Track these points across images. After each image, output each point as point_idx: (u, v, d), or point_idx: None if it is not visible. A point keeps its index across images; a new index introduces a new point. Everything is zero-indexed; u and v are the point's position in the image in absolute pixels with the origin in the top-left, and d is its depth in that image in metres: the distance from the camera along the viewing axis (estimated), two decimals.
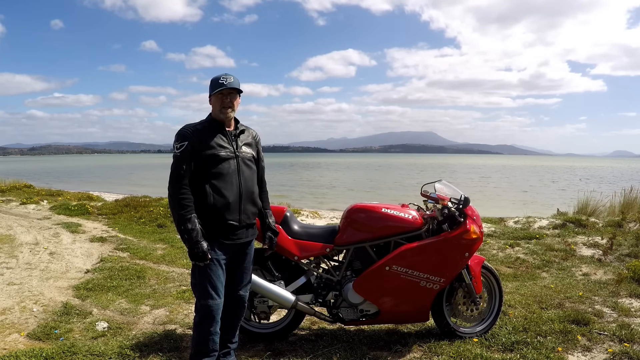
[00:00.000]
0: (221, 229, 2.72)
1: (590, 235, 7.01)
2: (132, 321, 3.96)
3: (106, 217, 9.72)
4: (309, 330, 3.75)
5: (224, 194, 2.69)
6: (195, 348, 2.79)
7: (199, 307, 2.74)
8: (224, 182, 2.70)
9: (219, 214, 2.69)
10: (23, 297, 4.56)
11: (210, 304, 2.70)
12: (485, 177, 40.28)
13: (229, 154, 2.74)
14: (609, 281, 5.04)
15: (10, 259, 6.05)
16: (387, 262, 3.27)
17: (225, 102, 2.74)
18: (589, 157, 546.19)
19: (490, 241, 6.95)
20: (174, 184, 2.65)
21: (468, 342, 3.42)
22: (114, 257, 6.14)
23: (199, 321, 2.75)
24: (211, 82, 2.78)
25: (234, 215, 2.73)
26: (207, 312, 2.71)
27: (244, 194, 2.77)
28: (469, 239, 3.33)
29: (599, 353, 3.33)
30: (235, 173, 2.75)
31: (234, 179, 2.73)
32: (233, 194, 2.72)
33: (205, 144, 2.69)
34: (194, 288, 2.79)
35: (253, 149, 2.92)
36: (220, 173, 2.69)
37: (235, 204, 2.72)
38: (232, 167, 2.74)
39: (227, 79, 2.72)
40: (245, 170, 2.80)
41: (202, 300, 2.71)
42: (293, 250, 3.36)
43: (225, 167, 2.71)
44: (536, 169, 61.44)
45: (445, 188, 3.55)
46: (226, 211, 2.70)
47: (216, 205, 2.67)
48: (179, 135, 2.71)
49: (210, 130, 2.75)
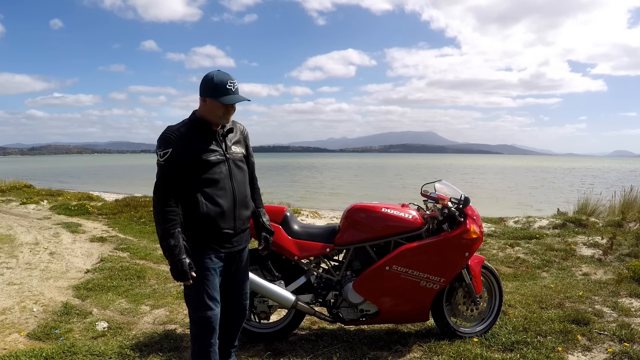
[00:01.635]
0: (216, 237, 2.53)
1: (591, 235, 7.01)
2: (132, 321, 3.96)
3: (106, 217, 9.71)
4: (309, 330, 3.75)
5: (218, 202, 2.48)
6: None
7: (197, 319, 2.54)
8: (217, 188, 2.49)
9: (213, 223, 2.49)
10: (23, 297, 4.56)
11: (208, 315, 2.51)
12: (484, 179, 40.22)
13: (219, 157, 2.51)
14: (609, 281, 5.04)
15: (10, 259, 6.05)
16: (387, 262, 3.27)
17: (231, 111, 2.52)
18: (589, 157, 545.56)
19: (490, 241, 6.95)
20: (158, 195, 2.42)
21: (468, 342, 3.42)
22: (114, 257, 6.14)
23: (199, 334, 2.56)
24: (213, 84, 2.45)
25: (228, 223, 2.54)
26: (206, 324, 2.52)
27: (238, 200, 2.58)
28: (469, 238, 3.33)
29: (599, 353, 3.33)
30: (228, 178, 2.54)
31: (227, 185, 2.53)
32: (227, 201, 2.52)
33: (192, 149, 2.44)
34: (188, 300, 2.57)
35: (242, 146, 2.69)
36: (211, 179, 2.48)
37: (229, 211, 2.53)
38: (224, 172, 2.52)
39: (235, 85, 2.47)
40: (237, 174, 2.59)
41: (199, 312, 2.51)
42: (293, 250, 3.35)
43: (216, 172, 2.49)
44: (537, 171, 61.34)
45: (445, 188, 3.55)
46: (220, 220, 2.50)
47: (210, 214, 2.47)
48: (162, 141, 2.43)
49: (197, 133, 2.49)
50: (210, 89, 2.46)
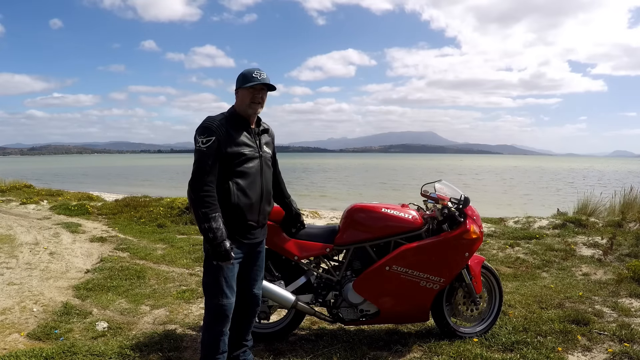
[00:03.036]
0: (240, 228, 2.68)
1: (590, 235, 7.01)
2: (132, 321, 3.96)
3: (106, 217, 9.72)
4: (309, 330, 3.75)
5: (248, 194, 2.65)
6: (207, 349, 2.72)
7: (212, 306, 2.67)
8: (248, 181, 2.66)
9: (241, 214, 2.65)
10: (23, 297, 4.56)
11: (224, 303, 2.64)
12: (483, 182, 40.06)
13: (254, 153, 2.70)
14: (609, 281, 5.04)
15: (10, 259, 6.05)
16: (387, 262, 3.27)
17: (257, 97, 2.67)
18: (589, 157, 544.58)
19: (490, 241, 6.95)
20: (198, 180, 2.53)
21: (468, 342, 3.42)
22: (114, 257, 6.14)
23: (212, 321, 2.68)
24: (241, 75, 2.68)
25: (254, 215, 2.71)
26: (221, 311, 2.65)
27: (264, 195, 2.76)
28: (469, 238, 3.33)
29: (599, 353, 3.33)
30: (259, 173, 2.71)
31: (257, 179, 2.71)
32: (256, 195, 2.69)
33: (232, 140, 2.61)
34: (207, 287, 2.70)
35: (271, 147, 2.91)
36: (244, 172, 2.64)
37: (256, 204, 2.71)
38: (256, 167, 2.70)
39: (261, 74, 2.64)
40: (266, 171, 2.79)
41: (216, 299, 2.64)
42: (293, 250, 3.35)
43: (250, 167, 2.67)
44: (537, 172, 61.15)
45: (445, 188, 3.55)
46: (248, 211, 2.67)
47: (239, 205, 2.63)
48: (204, 129, 2.57)
49: (235, 126, 2.66)
50: (240, 80, 2.68)
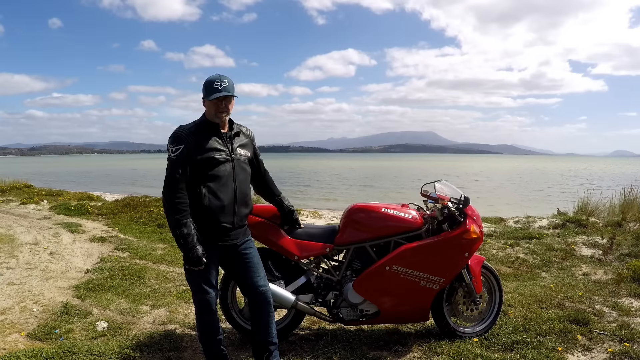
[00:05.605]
0: (214, 230, 2.76)
1: (590, 235, 7.01)
2: (132, 321, 3.96)
3: (106, 217, 9.71)
4: (309, 330, 3.75)
5: (220, 197, 2.72)
6: (202, 335, 2.94)
7: (196, 300, 2.85)
8: (220, 184, 2.73)
9: (214, 216, 2.72)
10: (23, 297, 4.56)
11: (206, 298, 2.80)
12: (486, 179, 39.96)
13: (224, 156, 2.76)
14: (609, 281, 5.04)
15: (10, 259, 6.05)
16: (387, 262, 3.27)
17: (220, 107, 2.73)
18: (589, 157, 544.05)
19: (490, 241, 6.95)
20: (169, 188, 2.65)
21: (468, 341, 3.42)
22: (114, 257, 6.14)
23: (199, 312, 2.88)
24: (205, 85, 2.74)
25: (227, 217, 2.77)
26: (204, 304, 2.82)
27: (238, 197, 2.80)
28: (469, 238, 3.33)
29: (599, 353, 3.33)
30: (231, 176, 2.77)
31: (230, 182, 2.76)
32: (228, 197, 2.75)
33: (201, 147, 2.69)
34: (189, 284, 2.90)
35: (249, 149, 2.95)
36: (216, 176, 2.72)
37: (229, 206, 2.76)
38: (228, 170, 2.76)
39: (222, 83, 2.70)
40: (240, 173, 2.83)
41: (199, 295, 2.82)
42: (293, 250, 3.35)
43: (221, 170, 2.73)
44: (537, 172, 61.08)
45: (445, 188, 3.55)
46: (220, 213, 2.73)
47: (211, 208, 2.71)
48: (174, 138, 2.70)
49: (206, 133, 2.75)
50: (204, 90, 2.76)
